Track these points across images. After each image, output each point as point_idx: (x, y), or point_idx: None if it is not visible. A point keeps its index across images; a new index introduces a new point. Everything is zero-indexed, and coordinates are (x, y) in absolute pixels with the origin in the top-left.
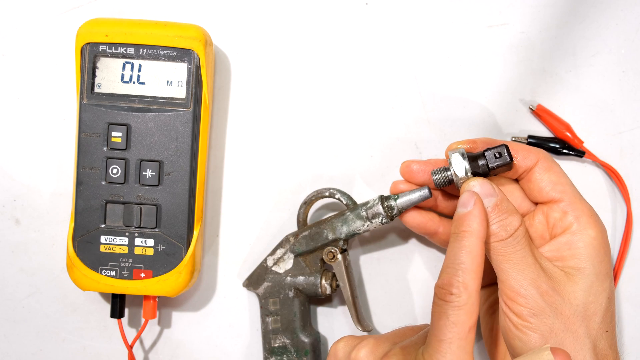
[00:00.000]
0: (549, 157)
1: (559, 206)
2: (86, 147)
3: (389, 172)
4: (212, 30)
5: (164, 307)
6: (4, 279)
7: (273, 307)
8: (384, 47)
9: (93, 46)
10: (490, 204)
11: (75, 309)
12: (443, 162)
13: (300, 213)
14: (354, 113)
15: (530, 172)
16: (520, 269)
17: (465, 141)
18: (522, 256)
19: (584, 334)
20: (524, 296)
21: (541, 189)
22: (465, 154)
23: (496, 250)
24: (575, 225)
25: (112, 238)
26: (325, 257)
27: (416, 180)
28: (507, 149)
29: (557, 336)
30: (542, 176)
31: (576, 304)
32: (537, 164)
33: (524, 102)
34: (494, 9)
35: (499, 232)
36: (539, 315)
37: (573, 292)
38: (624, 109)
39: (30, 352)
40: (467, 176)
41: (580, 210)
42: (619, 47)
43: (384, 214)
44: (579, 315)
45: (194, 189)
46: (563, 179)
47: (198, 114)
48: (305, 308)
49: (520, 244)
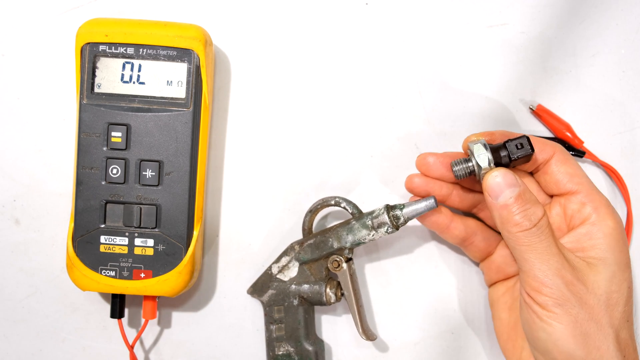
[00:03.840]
0: (564, 150)
1: (576, 198)
2: (86, 147)
3: (389, 172)
4: (212, 30)
5: (164, 307)
6: (4, 279)
7: (277, 315)
8: (384, 47)
9: (93, 46)
10: (514, 194)
11: (75, 309)
12: (459, 154)
13: (305, 221)
14: (354, 112)
15: (547, 164)
16: (545, 259)
17: (483, 133)
18: (546, 245)
19: (607, 323)
20: (549, 286)
21: (558, 181)
22: (487, 144)
23: (520, 240)
24: (594, 216)
25: (112, 238)
26: (330, 265)
27: (432, 173)
28: (529, 140)
29: (581, 326)
30: (559, 168)
31: (600, 293)
32: (554, 156)
33: (524, 102)
34: (494, 9)
35: (522, 222)
36: (564, 305)
37: (596, 281)
38: (624, 109)
39: (30, 352)
40: (490, 167)
41: (598, 202)
42: (619, 47)
43: (389, 224)
44: (603, 304)
45: (194, 189)
46: (579, 171)
47: (198, 114)
48: (309, 316)
49: (545, 234)
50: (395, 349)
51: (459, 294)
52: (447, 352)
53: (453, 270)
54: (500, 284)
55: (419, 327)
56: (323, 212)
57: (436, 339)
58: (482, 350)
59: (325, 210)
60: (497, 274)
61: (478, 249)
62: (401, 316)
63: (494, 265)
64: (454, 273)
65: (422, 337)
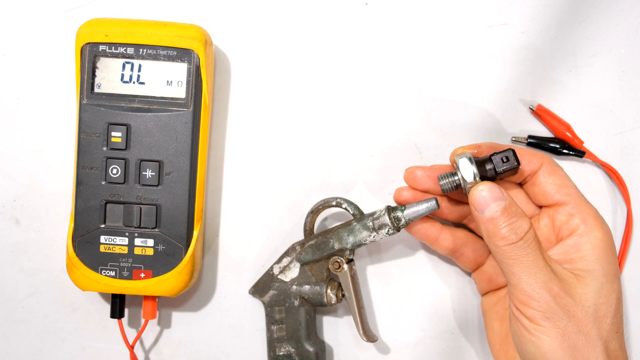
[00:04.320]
0: (552, 161)
1: (564, 209)
2: (86, 147)
3: (389, 172)
4: (212, 30)
5: (164, 307)
6: (4, 279)
7: (278, 316)
8: (384, 47)
9: (93, 46)
10: (500, 207)
11: (75, 309)
12: (447, 167)
13: (306, 222)
14: (354, 113)
15: (535, 175)
16: (532, 272)
17: (470, 146)
18: (533, 259)
19: (596, 335)
20: (536, 299)
21: (546, 193)
22: (472, 158)
23: (507, 253)
24: (582, 228)
25: (112, 238)
26: (331, 266)
27: (420, 186)
28: (514, 153)
29: (569, 338)
30: (547, 179)
31: (587, 305)
32: (541, 167)
33: (524, 102)
34: (494, 9)
35: (509, 236)
36: (552, 318)
37: (584, 294)
38: (624, 109)
39: (30, 352)
40: (476, 180)
41: (585, 213)
42: (619, 47)
43: (390, 225)
44: (591, 316)
45: (194, 189)
46: (567, 181)
47: (198, 114)
48: (310, 317)
49: (531, 247)
50: (395, 349)
51: (458, 294)
52: (447, 352)
53: (453, 271)
54: (492, 294)
55: (419, 327)
56: (324, 212)
57: (436, 339)
58: (482, 350)
59: (327, 210)
60: (489, 284)
61: (468, 260)
62: (401, 316)
63: (485, 276)
64: (454, 273)
65: (422, 337)
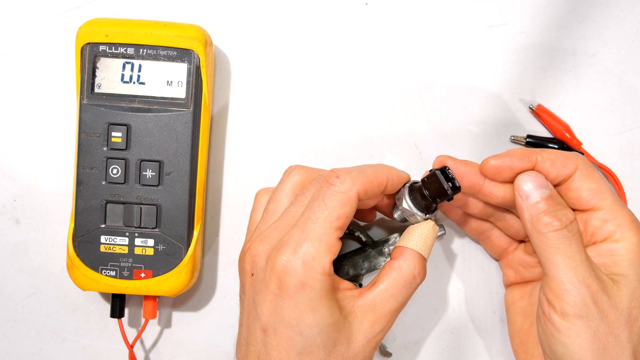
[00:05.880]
0: (586, 163)
1: (598, 214)
2: (86, 147)
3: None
4: (212, 30)
5: (164, 307)
6: (4, 279)
7: None
8: (384, 47)
9: (93, 46)
10: (544, 195)
11: (75, 309)
12: None
13: None
14: (354, 113)
15: (570, 180)
16: (573, 265)
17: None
18: (576, 250)
19: (626, 339)
20: (573, 294)
21: (580, 198)
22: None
23: (549, 241)
24: (618, 234)
25: (112, 238)
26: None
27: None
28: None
29: (599, 340)
30: (582, 184)
31: (621, 308)
32: (576, 171)
33: (524, 102)
34: (494, 9)
35: (553, 222)
36: (586, 317)
37: (619, 296)
38: (624, 109)
39: (30, 352)
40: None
41: (621, 218)
42: (619, 47)
43: None
44: (624, 319)
45: (194, 189)
46: (602, 185)
47: (198, 114)
48: None
49: (575, 237)
50: (395, 349)
51: (458, 293)
52: (447, 351)
53: (453, 270)
54: (517, 287)
55: (419, 327)
56: None
57: (436, 339)
58: (482, 350)
59: None
60: (516, 276)
61: (496, 244)
62: (401, 316)
63: (513, 267)
64: (455, 273)
65: (422, 337)
